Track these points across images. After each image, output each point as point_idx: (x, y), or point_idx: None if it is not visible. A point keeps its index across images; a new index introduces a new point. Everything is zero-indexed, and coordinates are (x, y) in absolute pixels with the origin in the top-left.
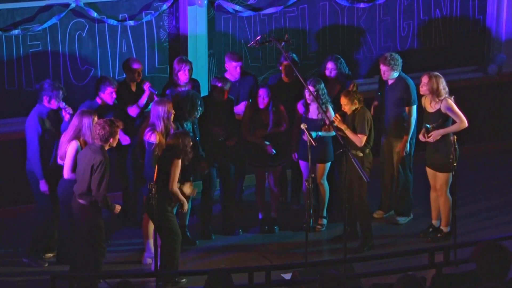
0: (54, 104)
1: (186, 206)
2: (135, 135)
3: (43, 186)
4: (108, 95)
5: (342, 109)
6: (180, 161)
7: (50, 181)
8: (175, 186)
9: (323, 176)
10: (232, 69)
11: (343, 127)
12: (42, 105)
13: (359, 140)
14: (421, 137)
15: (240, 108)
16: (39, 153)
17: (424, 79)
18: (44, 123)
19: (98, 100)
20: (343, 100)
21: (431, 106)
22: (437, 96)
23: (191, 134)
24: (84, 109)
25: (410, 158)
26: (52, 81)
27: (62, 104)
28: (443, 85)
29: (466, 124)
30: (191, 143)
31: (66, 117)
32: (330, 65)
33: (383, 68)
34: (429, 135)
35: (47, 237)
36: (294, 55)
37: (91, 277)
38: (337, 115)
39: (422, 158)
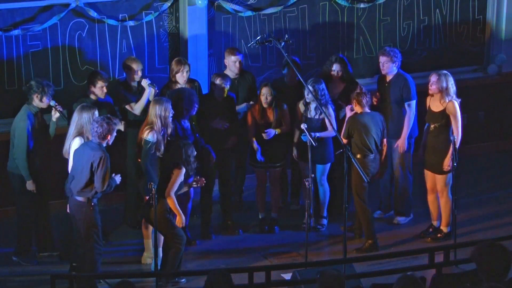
0: (45, 102)
1: (181, 218)
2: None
3: (30, 186)
4: (99, 89)
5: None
6: (182, 171)
7: (36, 182)
8: (172, 194)
9: (323, 177)
10: (231, 64)
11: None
12: (31, 105)
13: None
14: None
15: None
16: (26, 153)
17: (433, 78)
18: (34, 123)
19: (92, 96)
20: (357, 100)
21: (437, 105)
22: (447, 94)
23: (190, 131)
24: (84, 104)
25: (410, 158)
26: (39, 79)
27: (53, 102)
28: (451, 83)
29: (459, 135)
30: (195, 153)
31: (56, 115)
32: (335, 67)
33: (382, 59)
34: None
35: (32, 236)
36: (296, 59)
37: (90, 277)
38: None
39: (421, 158)
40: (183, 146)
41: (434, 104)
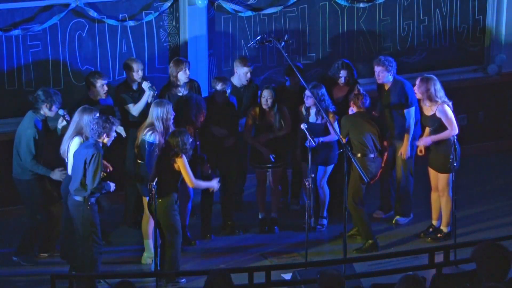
0: (54, 111)
1: (216, 186)
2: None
3: (56, 175)
4: (100, 88)
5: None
6: (185, 158)
7: (38, 185)
8: (195, 181)
9: (323, 179)
10: (242, 75)
11: None
12: (39, 114)
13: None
14: (419, 142)
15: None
16: (33, 158)
17: (417, 83)
18: (41, 130)
19: (92, 97)
20: (354, 102)
21: (427, 109)
22: (429, 99)
23: (191, 138)
24: (86, 106)
25: (412, 160)
26: (45, 88)
27: (61, 111)
28: (434, 88)
29: (456, 131)
30: (190, 141)
31: (63, 123)
32: (343, 73)
33: (377, 69)
34: (420, 148)
35: (37, 238)
36: (299, 64)
37: (90, 277)
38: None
39: (422, 159)
40: (178, 134)
41: (425, 108)
